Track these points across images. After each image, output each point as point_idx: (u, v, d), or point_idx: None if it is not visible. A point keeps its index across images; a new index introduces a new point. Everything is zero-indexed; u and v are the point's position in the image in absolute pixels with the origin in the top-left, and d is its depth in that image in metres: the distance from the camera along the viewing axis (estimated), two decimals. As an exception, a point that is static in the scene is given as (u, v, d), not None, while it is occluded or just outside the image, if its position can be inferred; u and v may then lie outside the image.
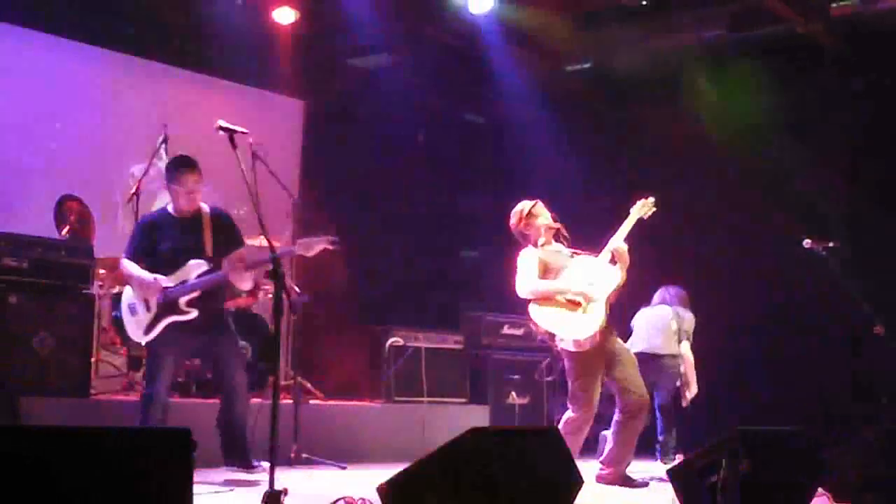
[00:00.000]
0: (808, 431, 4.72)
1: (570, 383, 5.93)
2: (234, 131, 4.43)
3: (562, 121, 9.38)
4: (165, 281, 5.44)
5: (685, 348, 7.35)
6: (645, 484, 5.99)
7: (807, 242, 6.48)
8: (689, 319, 7.43)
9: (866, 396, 7.71)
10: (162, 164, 7.33)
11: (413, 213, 9.91)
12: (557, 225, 6.02)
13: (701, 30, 8.56)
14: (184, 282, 5.45)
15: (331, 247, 5.28)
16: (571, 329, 5.79)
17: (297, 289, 6.24)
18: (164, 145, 7.15)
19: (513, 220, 6.08)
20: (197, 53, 8.60)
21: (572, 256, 5.96)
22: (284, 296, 4.35)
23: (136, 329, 5.53)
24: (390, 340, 7.67)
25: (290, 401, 6.40)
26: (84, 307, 6.10)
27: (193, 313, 5.44)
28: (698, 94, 8.85)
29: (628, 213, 6.01)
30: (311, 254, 5.27)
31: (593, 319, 5.75)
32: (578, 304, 5.77)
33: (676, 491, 4.37)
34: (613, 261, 5.85)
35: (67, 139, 8.00)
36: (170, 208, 5.68)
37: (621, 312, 6.47)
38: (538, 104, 9.39)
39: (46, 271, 5.88)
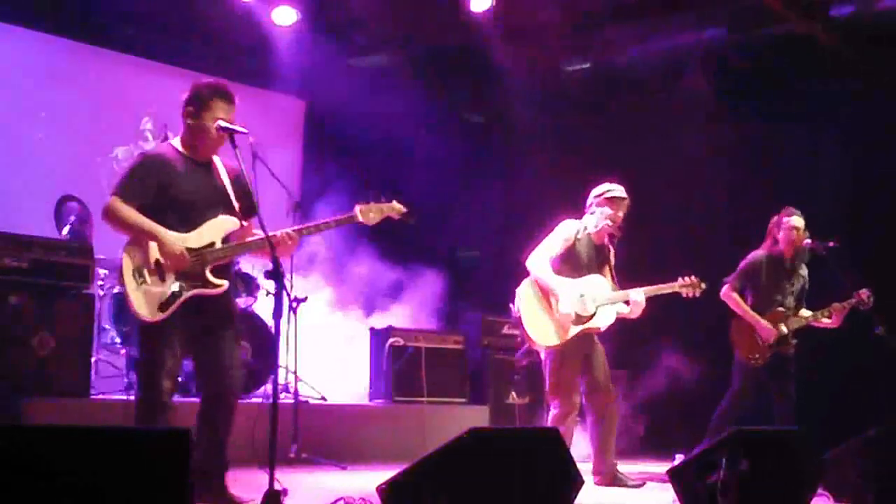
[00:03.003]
0: (808, 431, 4.72)
1: (547, 378, 5.90)
2: (234, 131, 4.41)
3: (561, 121, 9.37)
4: (187, 241, 4.25)
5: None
6: (641, 484, 5.98)
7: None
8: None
9: (867, 396, 7.71)
10: (148, 145, 7.33)
11: (412, 212, 9.89)
12: (616, 231, 5.87)
13: (701, 30, 8.55)
14: (211, 244, 4.30)
15: (396, 216, 4.55)
16: (539, 331, 5.76)
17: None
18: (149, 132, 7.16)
19: (594, 191, 5.91)
20: (197, 53, 8.59)
21: (596, 272, 5.87)
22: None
23: (146, 302, 4.16)
24: (390, 340, 7.67)
25: (291, 401, 6.40)
26: (84, 307, 6.10)
27: (224, 286, 4.28)
28: (698, 93, 8.85)
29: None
30: (372, 222, 4.48)
31: (561, 334, 5.72)
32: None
33: (676, 491, 4.37)
34: (626, 303, 5.81)
35: (68, 140, 7.99)
36: (176, 144, 4.45)
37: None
38: (538, 104, 9.37)
39: (46, 271, 5.88)
